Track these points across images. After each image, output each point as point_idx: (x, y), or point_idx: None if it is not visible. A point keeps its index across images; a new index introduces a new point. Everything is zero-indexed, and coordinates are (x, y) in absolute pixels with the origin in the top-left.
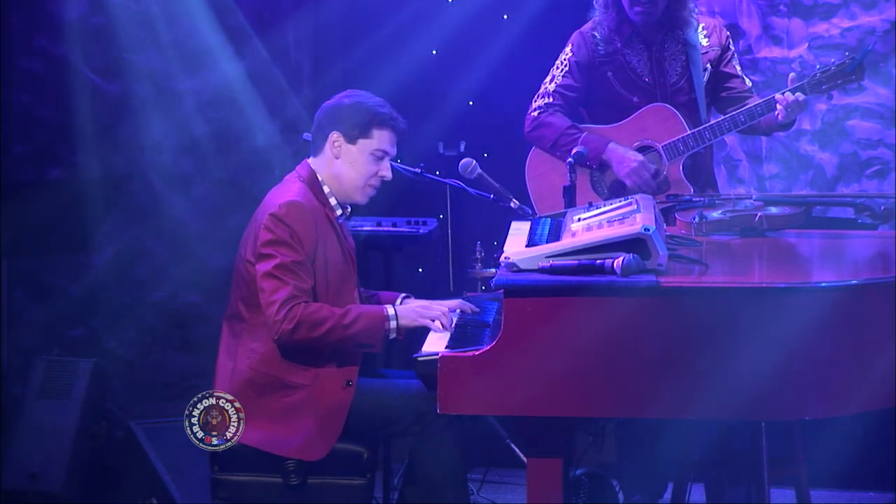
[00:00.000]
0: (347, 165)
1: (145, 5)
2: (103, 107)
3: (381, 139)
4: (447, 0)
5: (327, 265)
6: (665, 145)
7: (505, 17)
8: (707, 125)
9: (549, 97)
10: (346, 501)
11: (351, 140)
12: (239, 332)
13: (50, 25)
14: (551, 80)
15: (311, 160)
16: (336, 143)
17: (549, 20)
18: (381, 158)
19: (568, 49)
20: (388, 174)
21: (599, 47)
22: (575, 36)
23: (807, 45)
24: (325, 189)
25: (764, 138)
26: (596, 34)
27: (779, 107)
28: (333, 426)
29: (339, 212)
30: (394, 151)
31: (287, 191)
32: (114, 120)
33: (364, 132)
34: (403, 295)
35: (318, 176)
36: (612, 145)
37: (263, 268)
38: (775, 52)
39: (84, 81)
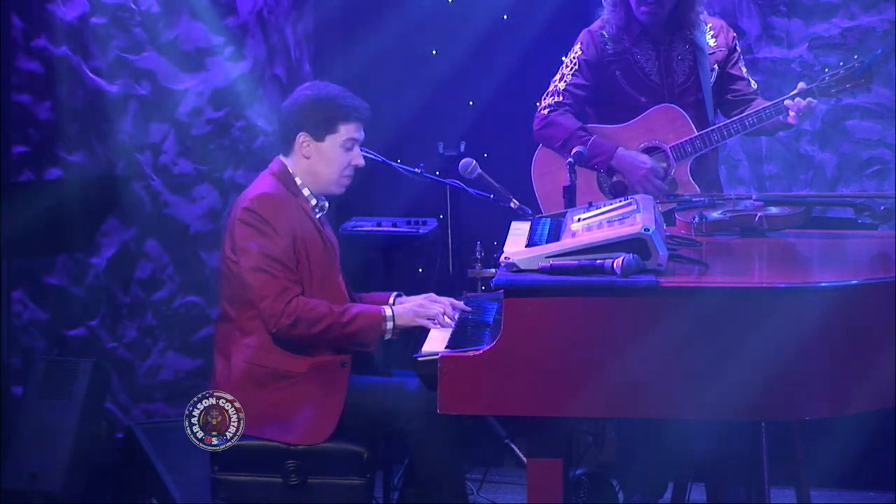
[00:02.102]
0: (320, 162)
1: (145, 5)
2: (103, 107)
3: (347, 131)
4: (447, 0)
5: (308, 254)
6: (673, 146)
7: (505, 17)
8: (715, 127)
9: (559, 95)
10: (346, 501)
11: (318, 138)
12: (229, 332)
13: (50, 25)
14: (561, 79)
15: (282, 157)
16: (305, 144)
17: (549, 20)
18: (350, 148)
19: (577, 47)
20: (360, 161)
21: (608, 46)
22: (583, 34)
23: (807, 45)
24: (298, 181)
25: (764, 138)
26: (604, 33)
27: (791, 113)
28: (334, 405)
29: (313, 202)
30: (362, 137)
31: (257, 186)
32: (114, 120)
33: (330, 128)
34: (395, 294)
35: (290, 170)
36: (620, 151)
37: (248, 262)
38: (775, 52)
39: (84, 81)
